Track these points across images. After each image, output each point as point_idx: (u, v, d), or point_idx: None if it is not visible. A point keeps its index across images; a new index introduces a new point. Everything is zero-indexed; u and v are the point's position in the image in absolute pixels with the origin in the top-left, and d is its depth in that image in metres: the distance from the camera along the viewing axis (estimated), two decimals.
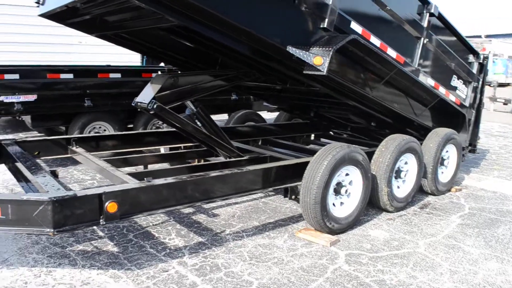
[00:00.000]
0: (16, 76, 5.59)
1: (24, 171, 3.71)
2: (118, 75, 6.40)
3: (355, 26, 4.02)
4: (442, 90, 5.38)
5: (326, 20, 3.72)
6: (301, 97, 5.50)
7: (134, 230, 4.08)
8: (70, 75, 5.96)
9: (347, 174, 4.16)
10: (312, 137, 7.20)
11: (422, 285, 3.26)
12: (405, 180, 4.87)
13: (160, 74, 4.27)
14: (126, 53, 6.22)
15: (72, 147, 4.73)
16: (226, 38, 3.73)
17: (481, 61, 6.07)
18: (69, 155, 4.79)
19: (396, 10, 4.52)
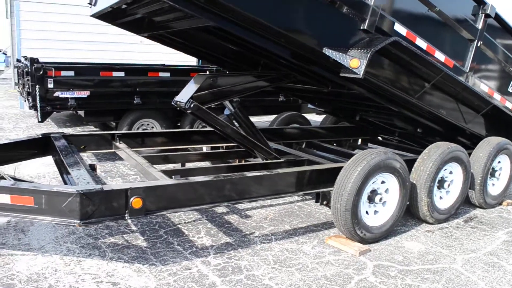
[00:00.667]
0: (71, 73, 5.91)
1: (65, 164, 3.91)
2: (168, 74, 6.58)
3: (399, 28, 3.87)
4: (497, 97, 5.05)
5: (367, 21, 3.61)
6: (344, 100, 5.37)
7: (166, 227, 4.18)
8: (122, 73, 6.22)
9: (383, 182, 4.01)
10: (359, 142, 7.02)
11: None
12: (449, 191, 4.61)
13: (200, 74, 4.32)
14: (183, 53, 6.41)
15: (116, 143, 4.92)
16: (264, 40, 3.69)
17: None
18: (113, 150, 4.99)
19: (447, 11, 4.29)
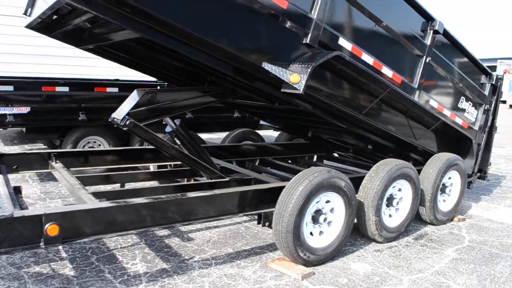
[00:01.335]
0: (10, 88, 5.59)
1: None
2: (116, 90, 6.32)
3: (344, 42, 3.75)
4: (447, 113, 5.02)
5: (309, 36, 3.47)
6: (293, 117, 5.24)
7: (99, 252, 3.89)
8: (66, 88, 5.92)
9: (328, 201, 3.86)
10: (315, 159, 6.91)
11: None
12: (398, 209, 4.50)
13: (139, 90, 4.10)
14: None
15: (52, 162, 4.62)
16: (201, 54, 3.53)
17: (494, 83, 5.66)
18: (49, 170, 4.69)
19: (395, 27, 4.23)
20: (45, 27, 4.24)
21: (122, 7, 2.83)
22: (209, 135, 9.83)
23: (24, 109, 5.68)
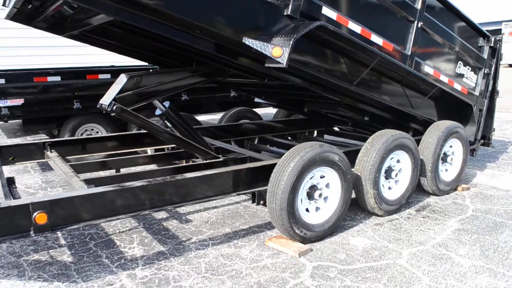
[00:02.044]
0: (2, 81, 5.55)
1: None
2: (108, 76, 6.26)
3: (328, 11, 3.63)
4: (444, 79, 4.88)
5: (290, 7, 3.35)
6: (286, 92, 5.14)
7: (97, 238, 3.89)
8: (57, 78, 5.88)
9: (322, 177, 3.79)
10: (315, 134, 6.83)
11: None
12: (398, 181, 4.42)
13: (125, 74, 4.03)
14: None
15: (47, 152, 4.61)
16: (180, 33, 3.44)
17: (493, 45, 5.48)
18: (45, 160, 4.68)
19: None
20: (26, 17, 4.17)
21: None
22: (208, 116, 9.76)
23: (18, 101, 5.66)
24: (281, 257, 3.50)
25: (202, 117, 9.46)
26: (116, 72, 6.30)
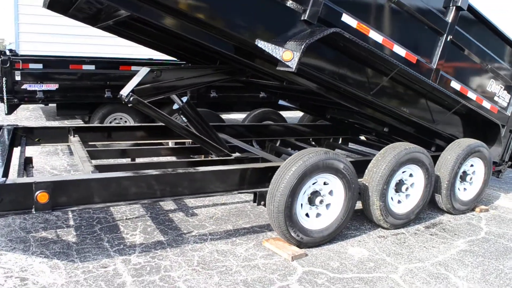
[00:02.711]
0: (40, 66, 5.88)
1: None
2: (139, 68, 6.45)
3: (348, 19, 3.61)
4: (472, 96, 4.73)
5: (308, 12, 3.38)
6: (304, 96, 5.13)
7: (104, 222, 4.06)
8: (92, 66, 6.15)
9: (326, 183, 3.78)
10: (340, 141, 6.75)
11: None
12: (409, 195, 4.33)
13: (146, 67, 4.18)
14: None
15: (70, 136, 4.84)
16: (198, 33, 3.54)
17: None
18: (68, 144, 4.92)
19: (410, 2, 4.01)
20: (61, 7, 4.40)
21: None
22: (239, 115, 9.86)
23: (53, 86, 5.97)
24: (274, 259, 3.52)
25: (233, 115, 9.58)
26: (149, 65, 6.52)
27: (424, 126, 4.72)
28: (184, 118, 4.47)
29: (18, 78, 5.78)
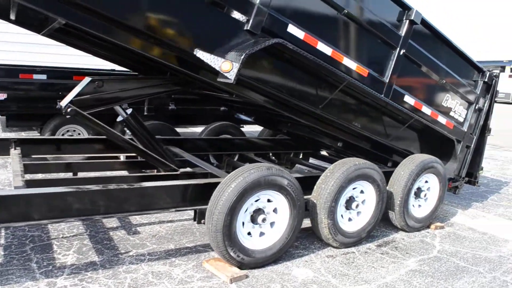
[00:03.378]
0: None
1: None
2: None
3: (295, 30, 3.50)
4: (426, 111, 4.66)
5: (251, 22, 3.26)
6: (258, 110, 5.00)
7: (38, 241, 3.82)
8: (43, 76, 5.92)
9: (270, 201, 3.62)
10: (301, 156, 6.63)
11: None
12: (360, 212, 4.20)
13: (88, 78, 4.00)
14: None
15: (11, 149, 4.60)
16: (136, 41, 3.37)
17: (487, 80, 5.21)
18: (9, 157, 4.67)
19: (362, 15, 3.93)
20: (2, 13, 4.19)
21: None
22: (197, 129, 9.67)
23: (1, 96, 5.71)
24: (212, 281, 3.33)
25: (194, 129, 9.37)
26: (104, 75, 6.31)
27: (379, 142, 4.62)
28: (128, 131, 4.28)
29: None
